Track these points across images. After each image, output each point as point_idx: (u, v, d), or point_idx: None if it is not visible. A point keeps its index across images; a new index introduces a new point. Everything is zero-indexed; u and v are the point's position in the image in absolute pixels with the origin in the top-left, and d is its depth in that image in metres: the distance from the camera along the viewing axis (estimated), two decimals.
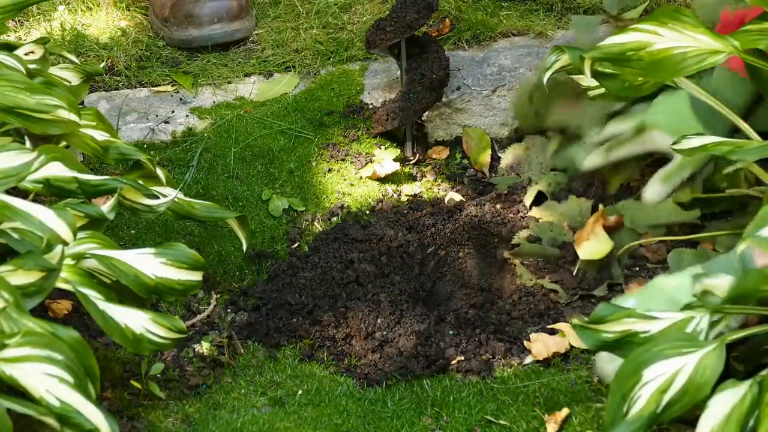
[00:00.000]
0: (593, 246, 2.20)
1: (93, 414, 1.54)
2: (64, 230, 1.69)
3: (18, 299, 1.57)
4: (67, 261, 1.74)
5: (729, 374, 1.70)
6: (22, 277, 1.61)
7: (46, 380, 1.53)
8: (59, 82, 2.01)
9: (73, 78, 2.18)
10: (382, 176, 2.49)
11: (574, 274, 2.23)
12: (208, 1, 2.72)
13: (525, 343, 2.08)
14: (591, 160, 2.31)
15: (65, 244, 1.68)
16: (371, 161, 2.51)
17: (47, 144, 1.86)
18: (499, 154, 2.57)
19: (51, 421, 1.51)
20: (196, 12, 2.71)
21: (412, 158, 2.55)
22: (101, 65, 2.60)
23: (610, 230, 2.25)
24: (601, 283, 2.21)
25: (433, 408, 1.95)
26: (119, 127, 2.53)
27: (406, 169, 2.53)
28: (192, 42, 2.72)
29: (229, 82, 2.65)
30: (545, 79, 2.06)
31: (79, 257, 1.76)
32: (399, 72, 2.59)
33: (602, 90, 2.06)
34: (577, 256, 2.25)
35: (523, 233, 2.30)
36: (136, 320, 1.75)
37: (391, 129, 2.51)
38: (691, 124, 2.13)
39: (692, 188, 2.19)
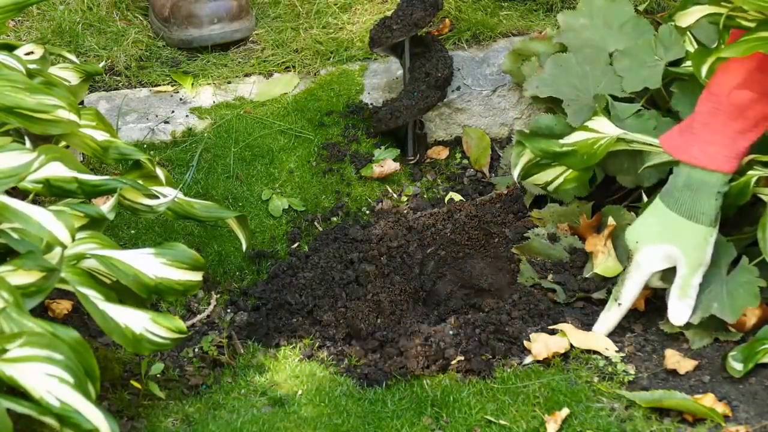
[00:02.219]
0: (607, 262, 2.23)
1: (93, 414, 1.54)
2: (62, 233, 1.69)
3: (18, 299, 1.57)
4: (67, 261, 1.74)
5: None
6: (22, 277, 1.61)
7: (46, 380, 1.53)
8: (59, 82, 2.01)
9: (72, 78, 2.18)
10: (382, 176, 2.49)
11: (580, 277, 2.23)
12: (208, 1, 2.71)
13: (525, 343, 2.08)
14: None
15: (63, 246, 1.68)
16: (371, 161, 2.50)
17: (47, 144, 1.86)
18: (500, 154, 2.57)
19: (51, 421, 1.51)
20: (196, 12, 2.71)
21: (412, 158, 2.55)
22: (101, 65, 2.60)
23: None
24: (602, 287, 2.21)
25: (433, 408, 1.95)
26: (119, 127, 2.53)
27: (407, 169, 2.53)
28: (192, 42, 2.72)
29: (229, 82, 2.64)
30: (516, 177, 2.30)
31: (79, 257, 1.76)
32: (400, 72, 2.59)
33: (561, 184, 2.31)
34: (584, 261, 2.26)
35: (537, 231, 2.30)
36: (136, 320, 1.74)
37: (393, 128, 2.50)
38: None
39: None
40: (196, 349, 2.10)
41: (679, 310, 2.06)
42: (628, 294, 2.10)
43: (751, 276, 2.05)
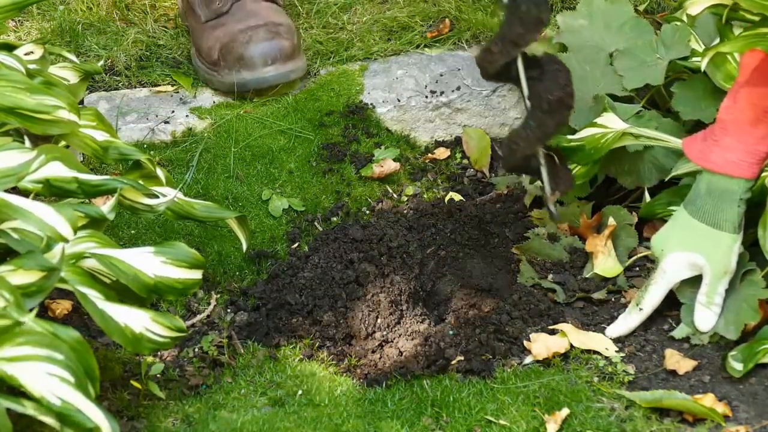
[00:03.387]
0: (607, 263, 2.24)
1: (93, 413, 1.54)
2: (64, 227, 1.69)
3: (18, 299, 1.57)
4: (67, 260, 1.74)
5: None
6: (22, 276, 1.61)
7: (47, 379, 1.53)
8: (59, 82, 2.01)
9: (71, 77, 2.18)
10: (382, 176, 2.49)
11: (580, 277, 2.23)
12: (260, 42, 2.57)
13: (525, 343, 2.08)
14: None
15: (65, 241, 1.68)
16: (371, 161, 2.50)
17: (47, 144, 1.86)
18: (500, 154, 2.57)
19: (51, 420, 1.51)
20: (249, 54, 2.57)
21: (551, 195, 2.18)
22: (99, 64, 2.60)
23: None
24: (602, 287, 2.21)
25: (433, 408, 1.95)
26: (119, 127, 2.53)
27: (407, 169, 2.53)
28: (246, 85, 2.58)
29: None
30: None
31: (79, 257, 1.76)
32: (400, 71, 2.59)
33: None
34: (584, 261, 2.26)
35: (537, 231, 2.30)
36: (135, 319, 1.74)
37: (517, 163, 2.20)
38: None
39: None
40: (196, 349, 2.10)
41: (705, 318, 2.07)
42: (651, 300, 2.10)
43: (757, 289, 2.05)
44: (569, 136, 2.25)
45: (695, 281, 2.08)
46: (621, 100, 2.33)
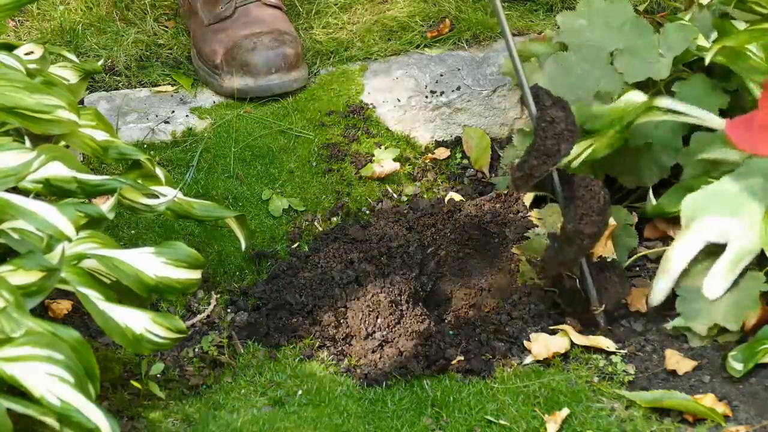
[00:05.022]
0: None
1: (94, 413, 1.54)
2: (67, 227, 1.69)
3: (18, 299, 1.57)
4: (68, 261, 1.74)
5: None
6: (22, 276, 1.61)
7: (47, 380, 1.53)
8: (59, 82, 2.01)
9: (71, 76, 2.17)
10: (382, 176, 2.49)
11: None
12: (265, 50, 2.55)
13: (525, 343, 2.08)
14: None
15: (69, 239, 1.68)
16: (371, 161, 2.50)
17: (47, 144, 1.86)
18: (499, 154, 2.57)
19: (51, 420, 1.51)
20: (253, 61, 2.55)
21: (597, 307, 2.10)
22: (99, 63, 2.60)
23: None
24: None
25: (433, 408, 1.95)
26: (119, 127, 2.53)
27: (407, 169, 2.53)
28: (248, 93, 2.57)
29: None
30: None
31: (80, 258, 1.76)
32: (401, 71, 2.59)
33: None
34: None
35: (537, 230, 2.30)
36: (135, 320, 1.74)
37: (552, 276, 2.14)
38: None
39: None
40: (196, 349, 2.10)
41: (714, 286, 2.06)
42: (679, 261, 2.09)
43: (758, 282, 2.05)
44: (592, 111, 2.25)
45: (692, 273, 2.09)
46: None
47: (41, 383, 1.52)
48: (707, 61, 2.03)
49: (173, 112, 2.57)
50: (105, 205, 1.84)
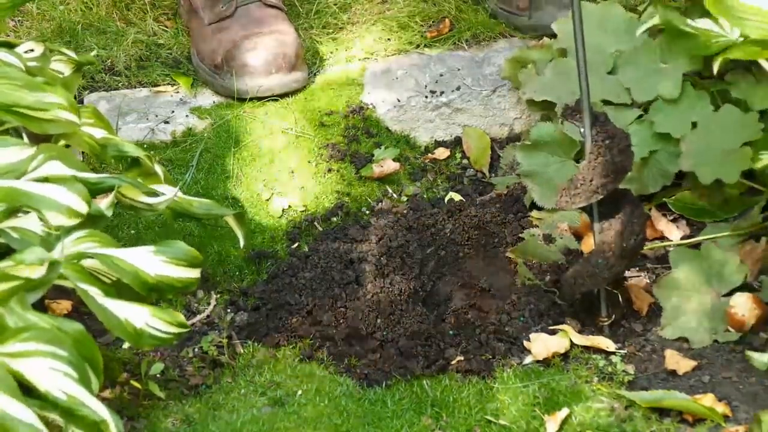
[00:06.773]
0: None
1: (98, 407, 1.53)
2: (78, 203, 1.70)
3: (20, 293, 1.57)
4: (68, 260, 1.74)
5: None
6: (22, 271, 1.61)
7: (51, 375, 1.53)
8: (58, 79, 2.01)
9: (65, 69, 2.17)
10: (382, 176, 2.49)
11: None
12: (265, 51, 2.55)
13: (525, 343, 2.08)
14: None
15: (81, 216, 1.68)
16: (371, 161, 2.50)
17: (47, 143, 1.86)
18: (499, 154, 2.57)
19: (54, 416, 1.51)
20: (253, 62, 2.55)
21: (606, 319, 2.12)
22: (93, 53, 2.60)
23: None
24: None
25: (433, 408, 1.95)
26: (119, 127, 2.53)
27: (406, 169, 2.53)
28: (247, 93, 2.57)
29: None
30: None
31: (80, 257, 1.76)
32: (401, 71, 2.59)
33: None
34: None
35: (532, 231, 2.30)
36: (136, 314, 1.74)
37: (581, 296, 2.13)
38: None
39: None
40: (196, 349, 2.10)
41: None
42: None
43: None
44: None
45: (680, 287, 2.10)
46: (620, 104, 2.33)
47: (46, 378, 1.52)
48: (715, 69, 2.04)
49: (173, 112, 2.57)
50: (103, 203, 1.84)
